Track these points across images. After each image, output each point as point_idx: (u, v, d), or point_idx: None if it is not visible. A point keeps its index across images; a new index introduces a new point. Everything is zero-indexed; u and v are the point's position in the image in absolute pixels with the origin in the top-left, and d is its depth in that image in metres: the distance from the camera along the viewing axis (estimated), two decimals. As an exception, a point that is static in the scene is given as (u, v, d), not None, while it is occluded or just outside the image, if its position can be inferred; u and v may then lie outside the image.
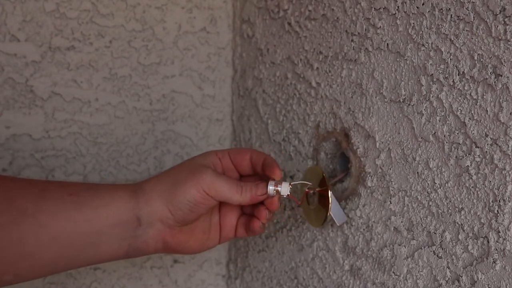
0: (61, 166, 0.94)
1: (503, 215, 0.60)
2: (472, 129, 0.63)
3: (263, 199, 0.75)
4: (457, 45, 0.63)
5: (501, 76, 0.59)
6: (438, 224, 0.67)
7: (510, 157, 0.59)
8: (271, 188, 0.73)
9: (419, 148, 0.68)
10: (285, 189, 0.73)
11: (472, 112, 0.63)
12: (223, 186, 0.73)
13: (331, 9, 0.80)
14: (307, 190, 0.78)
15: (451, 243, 0.65)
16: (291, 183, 0.74)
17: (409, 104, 0.69)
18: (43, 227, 0.65)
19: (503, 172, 0.60)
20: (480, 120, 0.62)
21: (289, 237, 0.90)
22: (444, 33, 0.65)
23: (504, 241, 0.60)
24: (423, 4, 0.67)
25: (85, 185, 0.71)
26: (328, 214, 0.75)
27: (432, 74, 0.66)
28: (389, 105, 0.72)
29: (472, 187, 0.63)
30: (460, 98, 0.64)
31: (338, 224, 0.77)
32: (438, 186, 0.66)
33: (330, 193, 0.75)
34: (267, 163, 0.75)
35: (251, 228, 0.77)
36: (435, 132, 0.67)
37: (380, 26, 0.72)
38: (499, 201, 0.60)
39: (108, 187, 0.72)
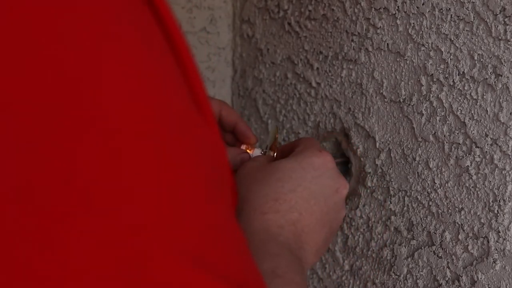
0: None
1: (503, 215, 0.60)
2: (472, 129, 0.63)
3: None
4: (457, 45, 0.63)
5: (501, 76, 0.59)
6: (438, 224, 0.67)
7: (510, 157, 0.59)
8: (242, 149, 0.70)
9: (419, 148, 0.68)
10: (257, 154, 0.70)
11: (472, 112, 0.63)
12: None
13: (331, 9, 0.80)
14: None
15: (451, 243, 0.65)
16: (265, 151, 0.71)
17: (409, 104, 0.69)
18: None
19: (503, 172, 0.60)
20: (480, 120, 0.62)
21: (289, 237, 0.90)
22: (444, 33, 0.65)
23: (504, 241, 0.60)
24: (423, 4, 0.67)
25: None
26: None
27: (432, 74, 0.66)
28: (389, 105, 0.72)
29: (472, 187, 0.63)
30: (460, 98, 0.64)
31: None
32: (438, 186, 0.66)
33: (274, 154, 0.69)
34: (241, 131, 0.71)
35: None
36: (435, 132, 0.67)
37: (380, 26, 0.72)
38: (499, 201, 0.60)
39: None
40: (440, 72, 0.65)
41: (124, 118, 0.32)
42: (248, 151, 0.69)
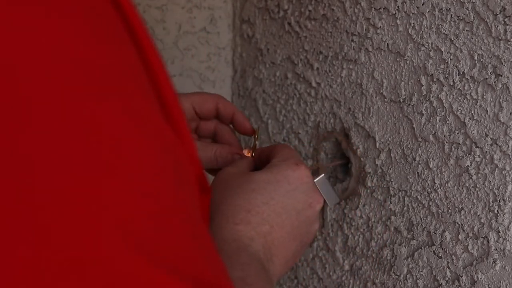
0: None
1: (503, 215, 0.60)
2: (472, 129, 0.63)
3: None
4: (457, 45, 0.63)
5: (501, 76, 0.59)
6: (438, 224, 0.67)
7: (510, 157, 0.59)
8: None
9: (419, 148, 0.68)
10: None
11: (472, 112, 0.63)
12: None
13: (331, 9, 0.80)
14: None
15: (451, 243, 0.65)
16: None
17: (409, 104, 0.69)
18: None
19: (503, 172, 0.60)
20: (480, 120, 0.62)
21: (289, 237, 0.90)
22: (444, 33, 0.65)
23: (504, 241, 0.60)
24: (423, 4, 0.67)
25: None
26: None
27: (432, 74, 0.66)
28: (389, 105, 0.72)
29: (472, 187, 0.63)
30: (460, 98, 0.64)
31: (330, 206, 0.74)
32: (438, 186, 0.66)
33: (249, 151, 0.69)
34: (239, 121, 0.71)
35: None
36: (435, 132, 0.67)
37: (380, 26, 0.72)
38: (499, 201, 0.60)
39: None
40: (440, 72, 0.65)
41: (94, 119, 0.32)
42: (247, 155, 0.69)
